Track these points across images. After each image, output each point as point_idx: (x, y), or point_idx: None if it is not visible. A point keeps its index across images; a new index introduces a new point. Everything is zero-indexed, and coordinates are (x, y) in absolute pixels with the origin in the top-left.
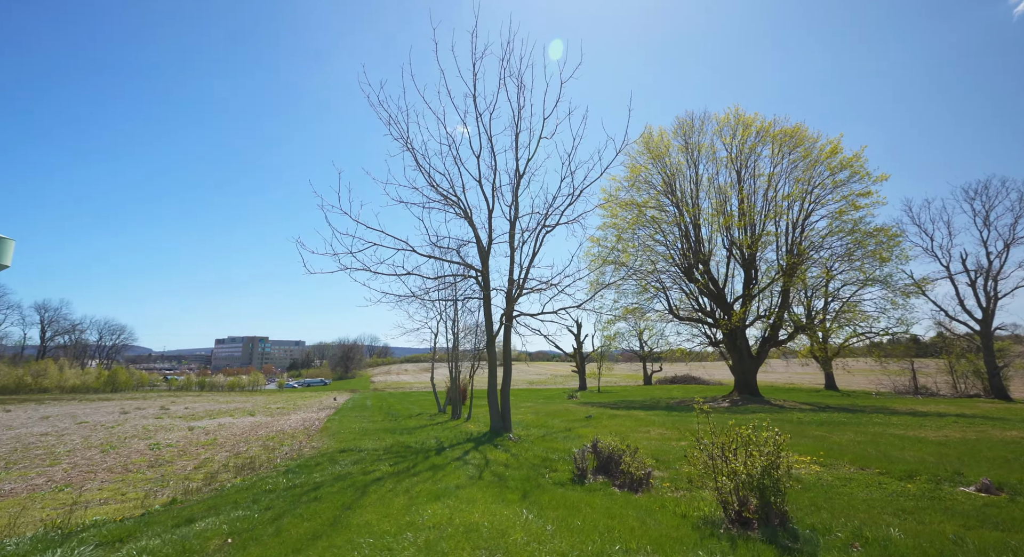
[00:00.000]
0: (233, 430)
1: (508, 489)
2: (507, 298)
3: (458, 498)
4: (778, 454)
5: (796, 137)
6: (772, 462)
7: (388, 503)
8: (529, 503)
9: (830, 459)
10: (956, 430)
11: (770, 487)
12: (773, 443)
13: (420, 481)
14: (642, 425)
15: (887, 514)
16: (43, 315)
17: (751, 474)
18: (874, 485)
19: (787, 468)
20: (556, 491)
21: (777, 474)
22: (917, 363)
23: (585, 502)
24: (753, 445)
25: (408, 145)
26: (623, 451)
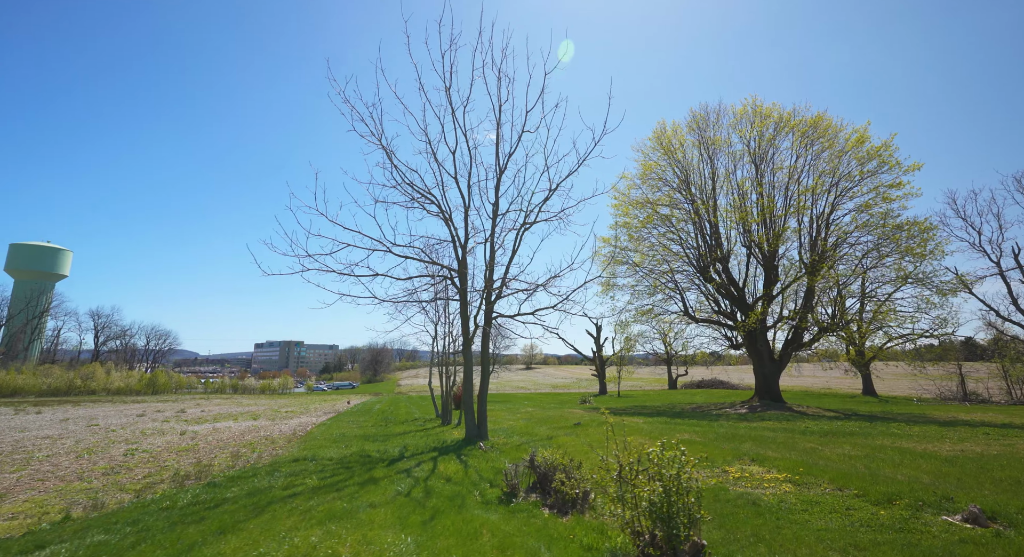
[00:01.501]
0: (222, 435)
1: (422, 509)
2: (485, 299)
3: (353, 520)
4: (679, 478)
5: (819, 127)
6: (675, 486)
7: (270, 526)
8: (426, 529)
9: (810, 476)
10: (979, 443)
11: (677, 515)
12: (677, 464)
13: (335, 498)
14: (629, 433)
15: (834, 551)
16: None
17: (653, 501)
18: (841, 511)
19: (696, 491)
20: (472, 513)
21: (685, 500)
22: (966, 367)
23: (491, 527)
24: (654, 466)
25: (382, 143)
26: (561, 467)
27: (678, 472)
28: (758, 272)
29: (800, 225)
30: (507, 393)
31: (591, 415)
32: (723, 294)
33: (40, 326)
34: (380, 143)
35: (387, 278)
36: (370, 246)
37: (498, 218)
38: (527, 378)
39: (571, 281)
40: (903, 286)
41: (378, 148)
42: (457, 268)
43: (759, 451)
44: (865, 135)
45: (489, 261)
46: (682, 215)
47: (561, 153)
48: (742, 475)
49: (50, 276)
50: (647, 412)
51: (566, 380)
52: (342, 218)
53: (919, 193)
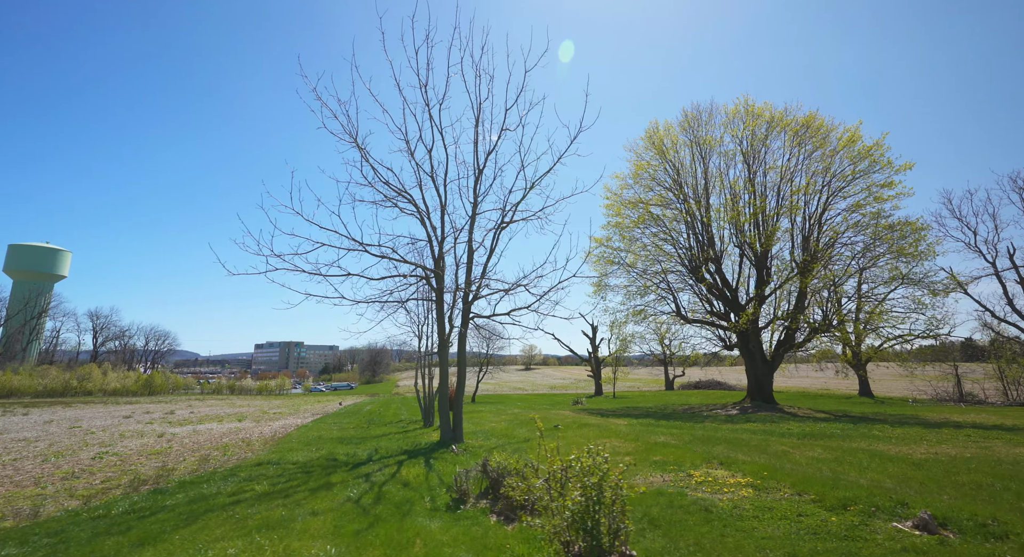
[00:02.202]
0: (200, 438)
1: (364, 517)
2: (463, 299)
3: (285, 530)
4: (600, 487)
5: (811, 126)
6: (596, 496)
7: (195, 537)
8: (358, 539)
9: (772, 481)
10: (957, 446)
11: (598, 526)
12: (599, 472)
13: (279, 506)
14: (603, 436)
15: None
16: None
17: (574, 511)
18: (791, 518)
19: (620, 502)
20: (414, 521)
21: (610, 510)
22: (963, 368)
23: (426, 537)
24: (575, 474)
25: (356, 141)
26: (514, 471)
27: (599, 481)
28: (751, 273)
29: (793, 225)
30: (503, 394)
31: (578, 417)
32: (715, 295)
33: (38, 327)
34: (355, 141)
35: (362, 278)
36: (346, 246)
37: (477, 217)
38: (525, 379)
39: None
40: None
41: (352, 147)
42: (433, 268)
43: (730, 454)
44: (857, 134)
45: (467, 261)
46: (674, 215)
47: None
48: (705, 479)
49: (49, 277)
50: (636, 413)
51: (564, 381)
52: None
53: (911, 193)
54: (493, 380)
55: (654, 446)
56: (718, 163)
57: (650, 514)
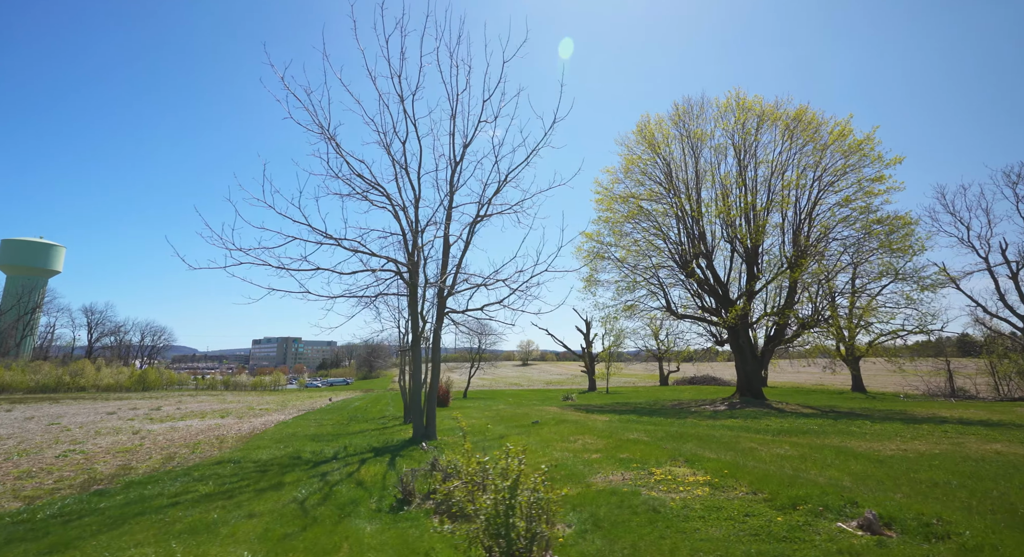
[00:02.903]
0: (175, 435)
1: (301, 519)
2: (438, 294)
3: (210, 534)
4: (513, 491)
5: (801, 120)
6: (508, 501)
7: (111, 543)
8: (282, 544)
9: (731, 479)
10: (929, 442)
11: (512, 531)
12: (512, 476)
13: (218, 508)
14: (579, 432)
15: None
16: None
17: (489, 516)
18: (737, 518)
19: (539, 506)
20: (352, 523)
21: (531, 513)
22: (955, 363)
23: (356, 540)
24: (487, 478)
25: (329, 132)
26: (462, 471)
27: (513, 484)
28: (742, 268)
29: (784, 219)
30: (498, 390)
31: (562, 413)
32: (706, 290)
33: (32, 322)
34: (324, 132)
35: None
36: (318, 240)
37: (454, 211)
38: (522, 374)
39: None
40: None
41: (322, 138)
42: (406, 262)
43: (697, 451)
44: (847, 128)
45: (443, 255)
46: (665, 209)
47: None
48: (665, 477)
49: (43, 272)
50: (622, 409)
51: (561, 376)
52: (291, 212)
53: (902, 187)
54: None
55: (625, 443)
56: (709, 157)
57: (597, 515)
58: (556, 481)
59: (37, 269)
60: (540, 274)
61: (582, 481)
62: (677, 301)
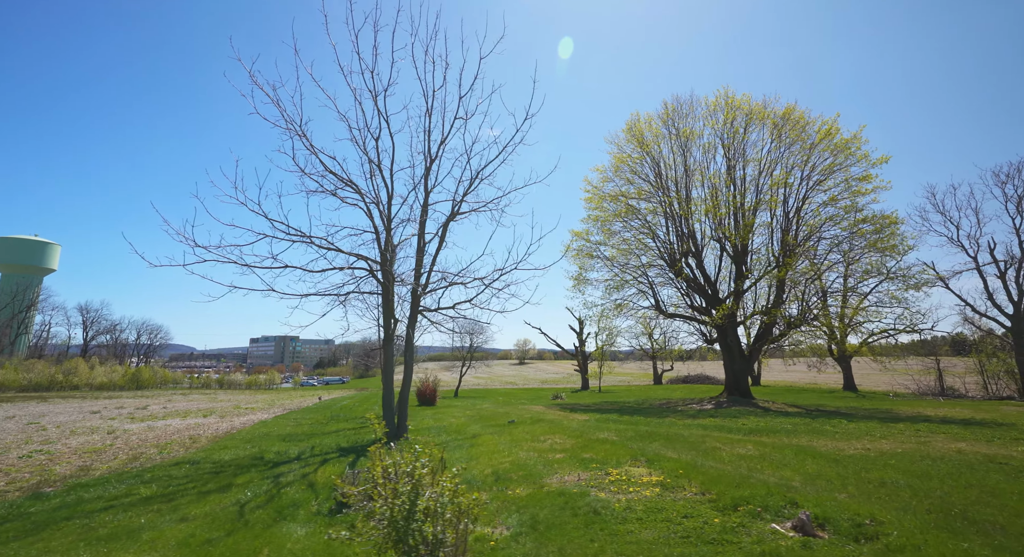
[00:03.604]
0: (150, 434)
1: (231, 524)
2: (412, 293)
3: (129, 541)
4: (414, 495)
5: (789, 119)
6: (407, 505)
7: (20, 552)
8: (198, 551)
9: (684, 479)
10: (897, 441)
11: (411, 536)
12: (414, 478)
13: (152, 512)
14: (551, 432)
15: None
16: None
17: (394, 519)
18: (675, 520)
19: (447, 512)
20: (283, 528)
21: (443, 518)
22: (945, 362)
23: (276, 546)
24: (389, 482)
25: (300, 129)
26: (403, 473)
27: (413, 488)
28: (732, 267)
29: (773, 218)
30: (492, 388)
31: (543, 412)
32: (695, 289)
33: (27, 320)
34: (295, 128)
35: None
36: (290, 236)
37: (429, 209)
38: (518, 373)
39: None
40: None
41: (290, 134)
42: (379, 260)
43: (660, 451)
44: (835, 127)
45: (417, 253)
46: (654, 208)
47: (491, 141)
48: (620, 478)
49: (38, 270)
50: (606, 409)
51: (557, 375)
52: (268, 209)
53: (888, 186)
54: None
55: (592, 443)
56: (698, 156)
57: (537, 517)
58: (512, 482)
59: (32, 267)
60: (510, 271)
61: (537, 482)
62: (667, 300)
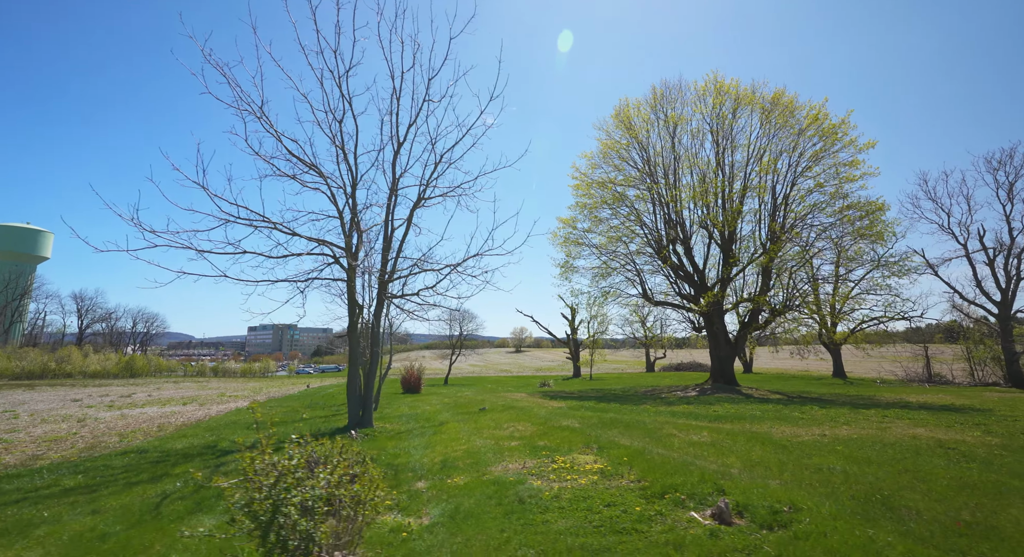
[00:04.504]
0: (120, 423)
1: (146, 515)
2: (379, 279)
3: (18, 536)
4: (274, 488)
5: (778, 104)
6: (268, 499)
7: None
8: (94, 543)
9: (627, 467)
10: (859, 427)
11: (275, 533)
12: (277, 470)
13: (65, 504)
14: (518, 419)
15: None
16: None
17: (255, 512)
18: (596, 508)
19: (317, 502)
20: (191, 520)
21: (314, 515)
22: (934, 349)
23: (173, 539)
24: (257, 473)
25: (263, 111)
26: (323, 460)
27: (276, 481)
28: (720, 255)
29: (761, 205)
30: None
31: (520, 400)
32: (681, 277)
33: (21, 308)
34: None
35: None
36: (253, 222)
37: (398, 194)
38: (513, 361)
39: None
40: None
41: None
42: (344, 246)
43: (616, 438)
44: (823, 112)
45: (384, 240)
46: (642, 194)
47: (465, 124)
48: (564, 466)
49: (30, 258)
50: (588, 396)
51: (552, 363)
52: (228, 193)
53: (877, 172)
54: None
55: (552, 430)
56: (687, 142)
57: (461, 507)
58: (457, 470)
59: (25, 255)
60: (474, 257)
61: (481, 470)
62: (656, 288)
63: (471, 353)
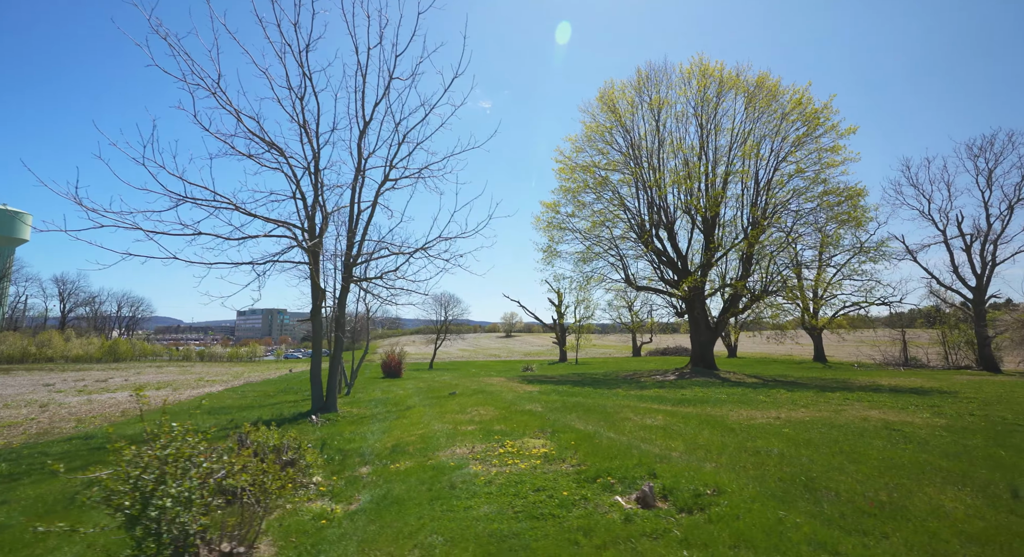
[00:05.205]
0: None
1: (49, 506)
2: (344, 263)
3: None
4: (137, 481)
5: (762, 87)
6: (151, 487)
7: None
8: None
9: (571, 451)
10: (814, 410)
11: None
12: (142, 461)
13: None
14: (484, 403)
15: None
16: (61, 288)
17: (120, 504)
18: (524, 494)
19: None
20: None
21: (190, 506)
22: (912, 334)
23: None
24: (132, 467)
25: (219, 86)
26: (273, 448)
27: (140, 474)
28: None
29: (744, 190)
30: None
31: (493, 384)
32: (664, 262)
33: (0, 292)
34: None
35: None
36: (213, 203)
37: (366, 175)
38: (504, 345)
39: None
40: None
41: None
42: (305, 228)
43: (572, 422)
44: (806, 96)
45: (349, 222)
46: (626, 178)
47: (430, 102)
48: (510, 450)
49: (8, 240)
50: (566, 380)
51: (541, 348)
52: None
53: (857, 158)
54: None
55: (514, 414)
56: (671, 125)
57: (390, 493)
58: (405, 455)
59: (2, 237)
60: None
61: (428, 454)
62: (640, 273)
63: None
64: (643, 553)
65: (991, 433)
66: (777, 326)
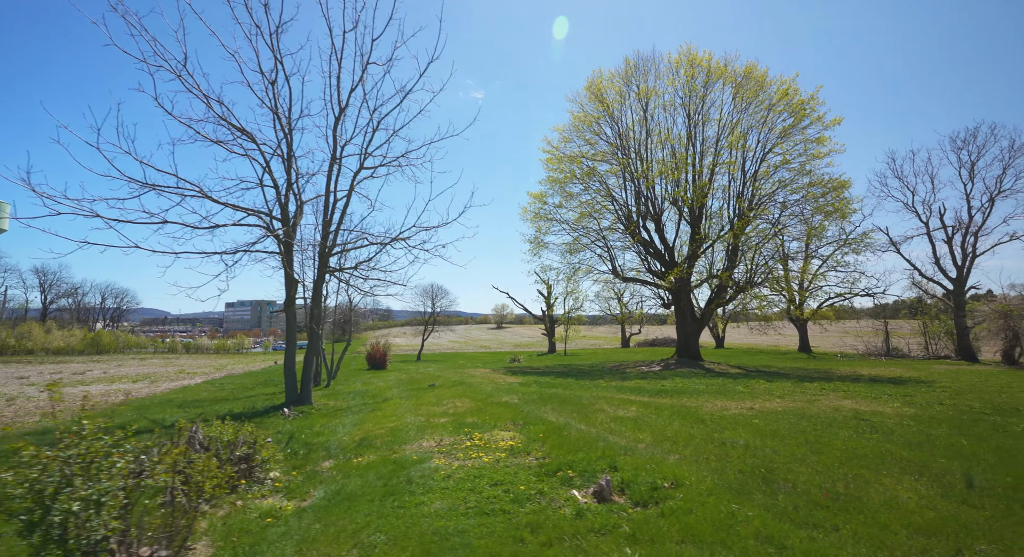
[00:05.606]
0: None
1: None
2: (320, 252)
3: None
4: (36, 483)
5: (750, 77)
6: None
7: None
8: None
9: (538, 443)
10: (788, 401)
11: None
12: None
13: None
14: (461, 395)
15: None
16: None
17: (15, 510)
18: (481, 488)
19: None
20: None
21: (102, 510)
22: (894, 324)
23: None
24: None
25: (186, 68)
26: (229, 443)
27: (39, 476)
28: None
29: (731, 181)
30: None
31: (475, 375)
32: (651, 254)
33: None
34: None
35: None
36: (180, 190)
37: (342, 163)
38: (494, 337)
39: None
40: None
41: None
42: (277, 216)
43: (545, 414)
44: (793, 87)
45: (324, 211)
46: (614, 169)
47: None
48: (477, 443)
49: None
50: (550, 372)
51: (532, 339)
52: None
53: (842, 149)
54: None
55: (489, 406)
56: (659, 115)
57: (345, 489)
58: (371, 448)
59: None
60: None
61: (393, 448)
62: (627, 265)
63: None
64: (587, 550)
65: (956, 422)
66: (763, 317)
